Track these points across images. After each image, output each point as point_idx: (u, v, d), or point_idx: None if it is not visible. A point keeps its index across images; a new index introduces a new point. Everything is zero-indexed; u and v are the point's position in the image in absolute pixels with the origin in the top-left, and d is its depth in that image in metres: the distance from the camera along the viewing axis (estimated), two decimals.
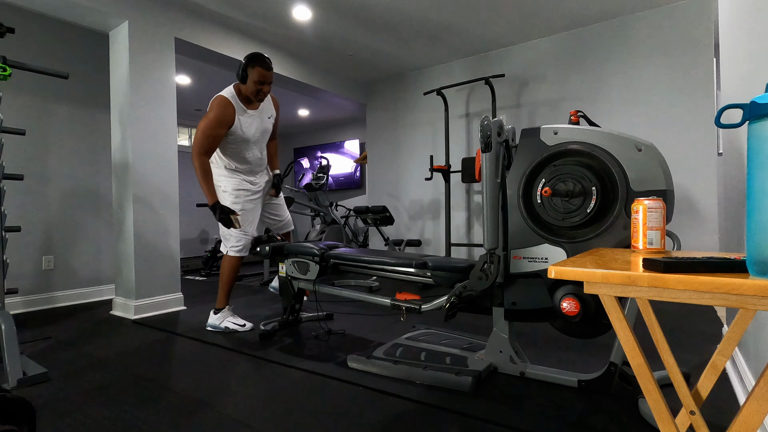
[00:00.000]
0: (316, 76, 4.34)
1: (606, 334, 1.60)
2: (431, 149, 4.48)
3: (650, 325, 0.95)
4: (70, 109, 3.29)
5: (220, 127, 2.28)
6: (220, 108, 2.29)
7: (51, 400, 1.57)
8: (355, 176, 6.90)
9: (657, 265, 0.65)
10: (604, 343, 2.06)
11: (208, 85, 4.99)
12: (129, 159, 2.82)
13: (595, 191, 1.46)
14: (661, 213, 0.99)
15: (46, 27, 3.17)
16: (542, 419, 1.37)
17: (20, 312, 2.98)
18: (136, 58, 2.84)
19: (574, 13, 3.30)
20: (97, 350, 2.14)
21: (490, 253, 1.60)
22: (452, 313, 1.77)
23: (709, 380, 0.91)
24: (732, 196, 1.66)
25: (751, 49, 1.27)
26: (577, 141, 1.53)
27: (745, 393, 1.39)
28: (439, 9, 3.21)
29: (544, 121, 3.74)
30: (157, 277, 2.94)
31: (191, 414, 1.45)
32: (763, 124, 0.60)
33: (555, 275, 0.73)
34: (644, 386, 0.72)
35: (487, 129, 1.58)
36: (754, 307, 0.57)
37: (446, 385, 1.62)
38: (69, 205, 3.29)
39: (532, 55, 3.81)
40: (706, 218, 3.06)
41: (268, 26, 3.47)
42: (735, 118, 1.57)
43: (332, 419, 1.40)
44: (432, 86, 4.45)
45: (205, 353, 2.08)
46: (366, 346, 2.10)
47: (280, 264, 2.38)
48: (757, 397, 0.62)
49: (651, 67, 3.26)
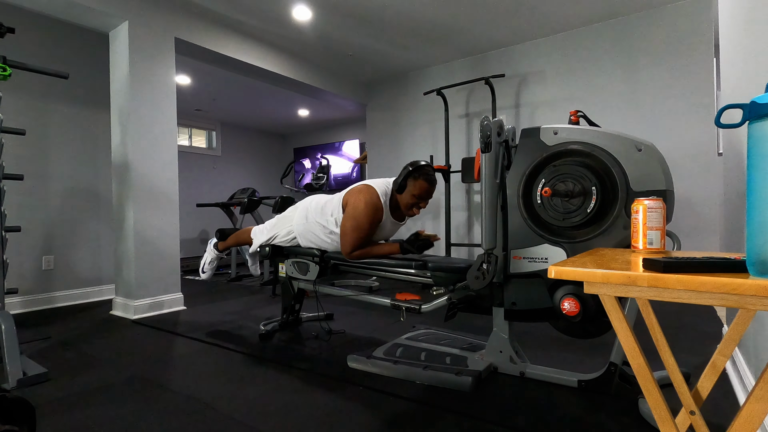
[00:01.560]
0: (316, 76, 4.34)
1: (606, 334, 1.60)
2: (431, 149, 4.48)
3: (650, 325, 0.95)
4: (70, 109, 3.29)
5: (370, 226, 2.03)
6: (371, 206, 2.01)
7: (51, 400, 1.57)
8: (351, 177, 6.90)
9: (657, 265, 0.65)
10: (604, 343, 2.06)
11: (208, 85, 4.99)
12: (129, 159, 2.82)
13: (595, 191, 1.46)
14: (661, 213, 0.99)
15: (46, 27, 3.17)
16: (542, 419, 1.37)
17: (20, 312, 2.98)
18: (136, 58, 2.84)
19: (574, 13, 3.30)
20: (97, 350, 2.14)
21: (488, 253, 1.60)
22: (452, 313, 1.77)
23: (709, 380, 0.91)
24: (732, 196, 1.66)
25: (751, 49, 1.27)
26: (577, 141, 1.53)
27: (745, 393, 1.39)
28: (439, 9, 3.21)
29: (544, 121, 3.73)
30: (157, 277, 2.94)
31: (191, 414, 1.45)
32: (763, 124, 0.60)
33: (555, 275, 0.73)
34: (644, 386, 0.72)
35: (487, 129, 1.58)
36: (754, 307, 0.57)
37: (446, 385, 1.62)
38: (69, 205, 3.29)
39: (532, 55, 3.81)
40: (706, 218, 3.06)
41: (268, 26, 3.47)
42: (735, 118, 1.57)
43: (332, 419, 1.40)
44: (432, 86, 4.45)
45: (205, 353, 2.08)
46: (366, 346, 2.10)
47: (280, 264, 2.38)
48: (757, 397, 0.62)
49: (651, 67, 3.26)
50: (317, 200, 2.26)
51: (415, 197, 2.01)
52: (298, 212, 2.28)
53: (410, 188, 2.00)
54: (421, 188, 1.99)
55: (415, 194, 2.00)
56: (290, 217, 2.32)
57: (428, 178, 2.00)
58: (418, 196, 2.01)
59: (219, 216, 6.84)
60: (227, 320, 2.71)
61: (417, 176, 1.99)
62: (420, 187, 1.99)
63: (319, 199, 2.26)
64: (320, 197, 2.28)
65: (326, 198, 2.25)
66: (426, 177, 1.99)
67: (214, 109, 6.13)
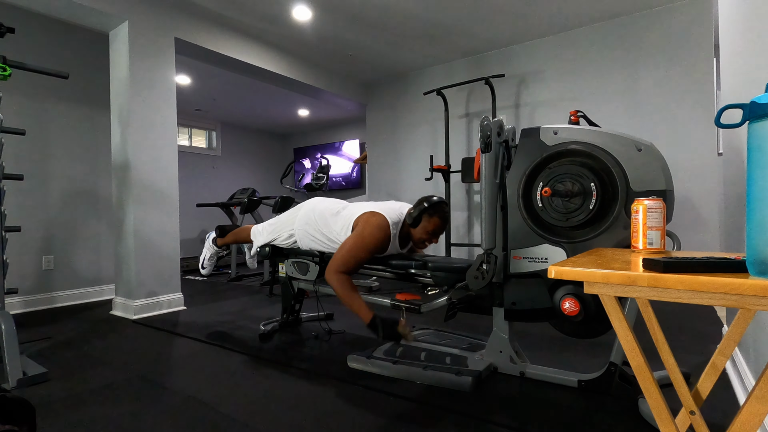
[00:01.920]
0: (316, 76, 4.34)
1: (606, 334, 1.60)
2: (431, 149, 4.48)
3: (650, 325, 0.95)
4: (70, 109, 3.29)
5: (369, 253, 1.99)
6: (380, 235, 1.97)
7: (51, 400, 1.57)
8: (352, 176, 6.90)
9: (657, 265, 0.65)
10: (604, 343, 2.06)
11: (208, 85, 4.99)
12: (129, 159, 2.82)
13: (595, 191, 1.46)
14: (661, 213, 0.99)
15: (46, 27, 3.17)
16: (542, 419, 1.37)
17: (20, 312, 2.98)
18: (136, 58, 2.84)
19: (574, 13, 3.30)
20: (97, 350, 2.14)
21: (488, 253, 1.60)
22: (452, 313, 1.77)
23: (709, 380, 0.91)
24: (732, 196, 1.66)
25: (751, 49, 1.27)
26: (577, 141, 1.53)
27: (745, 393, 1.39)
28: (439, 9, 3.21)
29: (544, 121, 3.73)
30: (157, 277, 2.94)
31: (191, 414, 1.45)
32: (763, 124, 0.60)
33: (555, 275, 0.73)
34: (644, 386, 0.72)
35: (487, 129, 1.58)
36: (754, 307, 0.57)
37: (446, 385, 1.62)
38: (69, 205, 3.29)
39: (532, 55, 3.81)
40: (706, 218, 3.06)
41: (268, 26, 3.47)
42: (735, 118, 1.57)
43: (332, 419, 1.40)
44: (432, 86, 4.45)
45: (205, 353, 2.08)
46: (366, 346, 2.10)
47: (280, 264, 2.38)
48: (757, 397, 0.62)
49: (651, 67, 3.26)
50: (321, 209, 2.20)
51: (428, 233, 2.03)
52: (300, 217, 2.25)
53: (425, 224, 2.01)
54: (435, 225, 2.01)
55: (428, 230, 2.02)
56: (291, 221, 2.29)
57: (443, 216, 2.02)
58: (432, 232, 2.02)
59: (219, 216, 6.84)
60: (227, 320, 2.71)
61: (432, 214, 1.99)
62: (434, 224, 2.01)
63: (323, 209, 2.20)
64: (324, 205, 2.23)
65: (331, 208, 2.20)
66: (441, 215, 2.01)
67: (214, 109, 6.13)
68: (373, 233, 1.96)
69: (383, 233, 1.98)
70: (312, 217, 2.20)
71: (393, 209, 2.07)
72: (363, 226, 1.99)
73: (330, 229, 2.13)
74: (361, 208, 2.10)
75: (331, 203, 2.25)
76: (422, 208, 1.99)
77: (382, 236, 1.98)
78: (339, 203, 2.25)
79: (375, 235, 1.96)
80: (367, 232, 1.96)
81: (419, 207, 1.99)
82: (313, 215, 2.20)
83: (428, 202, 1.99)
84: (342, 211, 2.16)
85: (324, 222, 2.16)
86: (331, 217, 2.16)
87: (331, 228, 2.13)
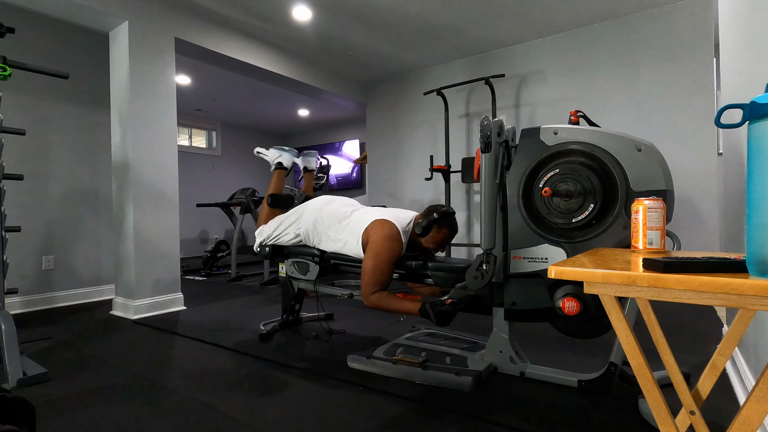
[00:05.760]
0: (316, 76, 4.34)
1: (606, 334, 1.60)
2: (431, 149, 4.48)
3: (650, 325, 0.95)
4: (70, 109, 3.29)
5: (391, 265, 1.95)
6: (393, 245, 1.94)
7: (51, 400, 1.56)
8: (352, 176, 6.90)
9: (657, 265, 0.65)
10: (604, 343, 2.06)
11: (208, 85, 4.99)
12: (129, 159, 2.82)
13: (595, 191, 1.46)
14: (661, 213, 0.99)
15: (46, 27, 3.17)
16: (542, 419, 1.37)
17: (20, 312, 2.98)
18: (136, 57, 2.84)
19: (574, 13, 3.30)
20: (97, 350, 2.14)
21: (487, 253, 1.60)
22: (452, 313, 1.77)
23: (709, 380, 0.91)
24: (732, 196, 1.66)
25: (751, 49, 1.27)
26: (577, 141, 1.53)
27: (745, 393, 1.39)
28: (439, 9, 3.21)
29: (544, 121, 3.73)
30: (157, 277, 2.94)
31: (191, 414, 1.45)
32: (763, 124, 0.60)
33: (555, 275, 0.73)
34: (644, 386, 0.72)
35: (487, 129, 1.58)
36: (754, 307, 0.57)
37: (446, 385, 1.62)
38: (69, 205, 3.29)
39: (532, 55, 3.81)
40: (706, 218, 3.06)
41: (268, 26, 3.47)
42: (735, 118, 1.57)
43: (332, 419, 1.40)
44: (432, 86, 4.45)
45: (205, 353, 2.08)
46: (366, 346, 2.10)
47: (280, 264, 2.38)
48: (757, 397, 0.62)
49: (651, 67, 3.26)
50: (328, 212, 2.18)
51: (436, 243, 2.03)
52: (305, 217, 2.23)
53: (433, 234, 2.01)
54: (444, 236, 2.02)
55: (437, 241, 2.02)
56: (296, 221, 2.28)
57: (452, 227, 2.03)
58: (440, 242, 2.03)
59: (219, 216, 6.84)
60: (227, 320, 2.71)
61: (442, 225, 2.00)
62: (443, 234, 2.02)
63: (331, 212, 2.18)
64: (332, 208, 2.20)
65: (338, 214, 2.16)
66: (450, 227, 2.02)
67: (214, 109, 6.13)
68: (387, 246, 1.93)
69: (396, 243, 1.96)
70: (319, 218, 2.19)
71: (401, 217, 2.06)
72: (375, 241, 1.95)
73: (338, 237, 2.13)
74: (370, 215, 2.07)
75: (339, 207, 2.21)
76: (432, 218, 1.97)
77: (396, 246, 1.95)
78: (346, 206, 2.21)
79: (390, 247, 1.94)
80: (382, 247, 1.93)
81: (429, 217, 1.97)
82: (320, 219, 2.19)
83: (438, 213, 1.98)
84: (350, 219, 2.13)
85: (331, 225, 2.15)
86: (338, 224, 2.14)
87: (338, 236, 2.12)
